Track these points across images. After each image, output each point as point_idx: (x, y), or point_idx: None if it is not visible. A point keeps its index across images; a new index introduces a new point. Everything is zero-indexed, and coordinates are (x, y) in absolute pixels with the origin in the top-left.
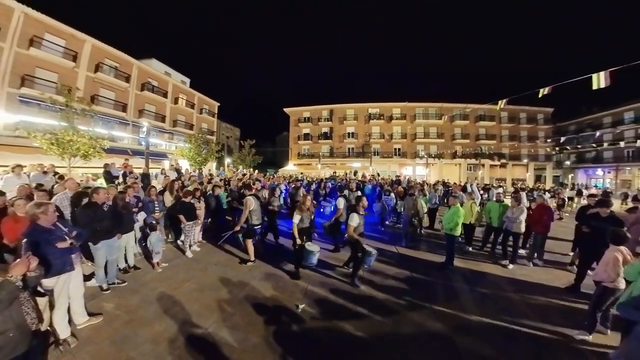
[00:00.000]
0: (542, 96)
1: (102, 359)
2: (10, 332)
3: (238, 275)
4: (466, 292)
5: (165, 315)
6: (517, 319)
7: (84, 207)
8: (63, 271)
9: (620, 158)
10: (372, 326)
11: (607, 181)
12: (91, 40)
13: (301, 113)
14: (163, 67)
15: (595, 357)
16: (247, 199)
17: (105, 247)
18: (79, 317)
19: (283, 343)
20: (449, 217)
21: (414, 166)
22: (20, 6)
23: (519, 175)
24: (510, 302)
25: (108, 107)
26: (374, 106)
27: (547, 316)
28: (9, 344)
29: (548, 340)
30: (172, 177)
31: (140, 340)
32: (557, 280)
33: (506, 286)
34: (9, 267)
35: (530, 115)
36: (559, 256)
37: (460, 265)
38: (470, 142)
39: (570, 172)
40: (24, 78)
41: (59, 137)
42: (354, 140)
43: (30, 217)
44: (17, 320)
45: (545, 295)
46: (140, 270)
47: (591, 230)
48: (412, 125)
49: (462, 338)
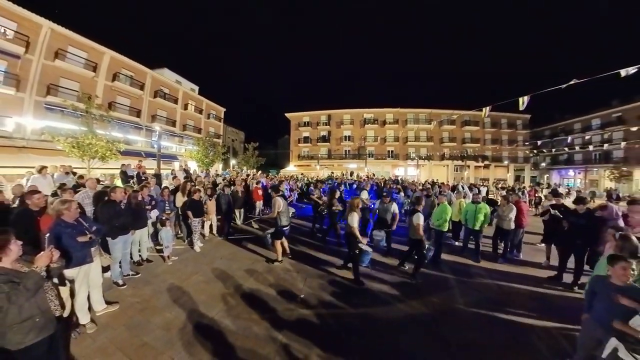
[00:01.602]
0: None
1: (118, 343)
2: (37, 317)
3: (242, 268)
4: (451, 283)
5: (175, 304)
6: (497, 306)
7: (104, 204)
8: (83, 263)
9: (589, 160)
10: (365, 314)
11: (577, 181)
12: (110, 52)
13: (301, 118)
14: (174, 76)
15: (565, 341)
16: (275, 199)
17: (122, 242)
18: (97, 305)
19: (283, 331)
20: (437, 214)
21: (405, 167)
22: (48, 22)
23: (501, 176)
24: (491, 291)
25: (124, 113)
26: (368, 111)
27: (524, 303)
28: (35, 328)
29: (524, 324)
30: (181, 177)
31: (152, 326)
32: (537, 272)
33: (488, 277)
34: (34, 259)
35: (510, 121)
36: (533, 250)
37: (446, 259)
38: (456, 145)
39: (545, 172)
40: (50, 87)
41: (80, 141)
42: (350, 143)
43: (55, 212)
44: (43, 306)
45: (524, 284)
46: (153, 263)
47: (569, 226)
48: (404, 129)
49: (445, 323)
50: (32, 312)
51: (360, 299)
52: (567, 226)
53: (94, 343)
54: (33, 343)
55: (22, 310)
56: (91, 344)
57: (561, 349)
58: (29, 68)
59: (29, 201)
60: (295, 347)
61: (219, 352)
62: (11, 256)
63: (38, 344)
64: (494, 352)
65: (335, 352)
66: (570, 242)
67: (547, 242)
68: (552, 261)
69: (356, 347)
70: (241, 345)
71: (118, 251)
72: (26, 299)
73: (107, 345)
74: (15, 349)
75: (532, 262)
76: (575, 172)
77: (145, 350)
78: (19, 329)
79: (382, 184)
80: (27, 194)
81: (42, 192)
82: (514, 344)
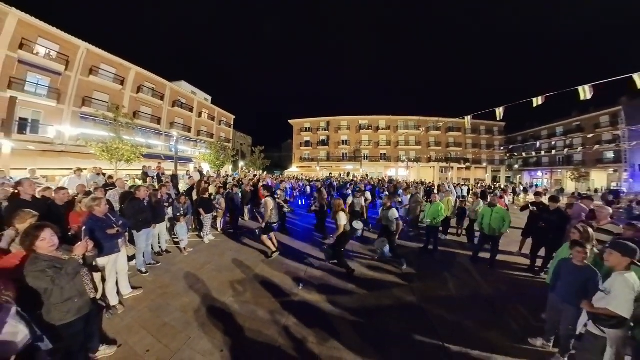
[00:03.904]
0: (498, 115)
1: (143, 323)
2: (75, 298)
3: (249, 260)
4: (437, 273)
5: (191, 290)
6: (477, 291)
7: (130, 201)
8: (112, 252)
9: (554, 162)
10: (359, 299)
11: (544, 181)
12: (135, 68)
13: (303, 124)
14: (190, 88)
15: (532, 319)
16: (266, 200)
17: (145, 234)
18: (124, 289)
19: (285, 315)
20: (432, 212)
21: (396, 168)
22: (85, 44)
23: (480, 176)
24: (472, 278)
25: (146, 121)
26: (363, 118)
27: (500, 287)
28: (75, 308)
29: (500, 306)
30: (195, 177)
31: (171, 309)
32: (513, 262)
33: (470, 267)
34: (73, 248)
35: (488, 128)
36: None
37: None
38: (441, 149)
39: (518, 173)
40: (85, 99)
41: (109, 146)
42: (347, 146)
43: (88, 208)
44: (80, 289)
45: (502, 271)
46: (171, 253)
47: (544, 223)
48: (395, 134)
49: (431, 307)
50: (71, 293)
51: (354, 286)
52: (542, 222)
53: (122, 322)
54: (73, 320)
55: (64, 292)
56: (120, 323)
57: (529, 325)
58: (68, 83)
59: (56, 196)
60: (296, 329)
61: (230, 332)
62: (48, 246)
63: (77, 321)
64: (474, 331)
65: (331, 334)
66: (544, 236)
67: (526, 235)
68: (524, 251)
69: (350, 329)
70: (249, 326)
71: (142, 242)
72: (67, 282)
73: (133, 324)
74: (58, 324)
75: (507, 250)
76: (543, 172)
77: (166, 330)
78: (61, 308)
79: (377, 184)
80: (55, 190)
81: (67, 189)
82: (493, 322)
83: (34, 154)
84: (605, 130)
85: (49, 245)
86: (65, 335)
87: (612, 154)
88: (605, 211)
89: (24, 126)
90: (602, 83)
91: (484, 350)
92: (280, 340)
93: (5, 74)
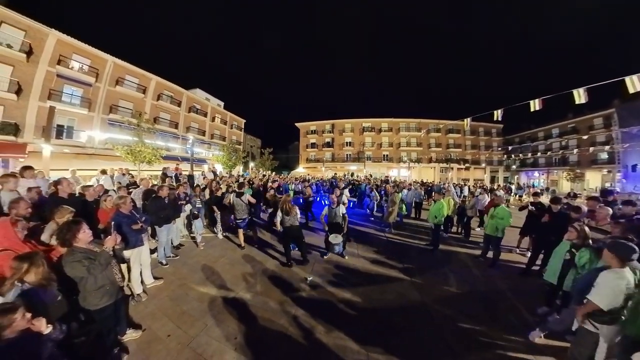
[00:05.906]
0: (496, 117)
1: (164, 310)
2: (107, 286)
3: (260, 254)
4: (438, 269)
5: (207, 281)
6: (476, 288)
7: (152, 199)
8: (136, 245)
9: (550, 163)
10: (364, 293)
11: (541, 181)
12: (155, 78)
13: (309, 127)
14: (204, 95)
15: (527, 314)
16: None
17: (166, 229)
18: (147, 279)
19: (294, 306)
20: (435, 211)
21: (398, 169)
22: (112, 58)
23: (479, 177)
24: (471, 274)
25: (165, 125)
26: (366, 121)
27: (498, 283)
28: (106, 294)
29: (499, 300)
30: (209, 177)
31: (189, 298)
32: (512, 261)
33: (470, 264)
34: (104, 241)
35: (486, 130)
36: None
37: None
38: (442, 150)
39: (516, 174)
40: (112, 107)
41: (132, 148)
42: (351, 148)
43: (115, 206)
44: (111, 278)
45: (501, 268)
46: (188, 247)
47: (544, 224)
48: (397, 136)
49: (432, 302)
50: (104, 281)
51: (360, 280)
52: (547, 219)
53: (145, 309)
54: (105, 305)
55: (97, 280)
56: (143, 309)
57: (523, 319)
58: (97, 93)
59: (87, 193)
60: (305, 319)
61: (243, 321)
62: (86, 239)
63: (108, 307)
64: (473, 324)
65: (337, 325)
66: (545, 237)
67: (524, 234)
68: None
69: (355, 321)
70: (261, 316)
71: (163, 237)
72: (100, 271)
73: (155, 312)
74: (93, 309)
75: (507, 246)
76: (540, 173)
77: (184, 317)
78: (95, 294)
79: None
80: (84, 187)
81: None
82: (491, 315)
83: (69, 156)
84: (599, 132)
85: (88, 237)
86: (99, 319)
87: (606, 155)
88: (605, 211)
89: (61, 132)
90: (596, 86)
91: (482, 341)
92: (291, 330)
93: (45, 86)
